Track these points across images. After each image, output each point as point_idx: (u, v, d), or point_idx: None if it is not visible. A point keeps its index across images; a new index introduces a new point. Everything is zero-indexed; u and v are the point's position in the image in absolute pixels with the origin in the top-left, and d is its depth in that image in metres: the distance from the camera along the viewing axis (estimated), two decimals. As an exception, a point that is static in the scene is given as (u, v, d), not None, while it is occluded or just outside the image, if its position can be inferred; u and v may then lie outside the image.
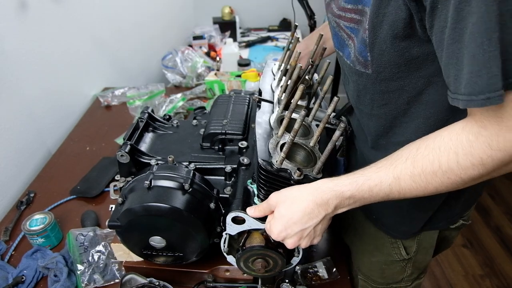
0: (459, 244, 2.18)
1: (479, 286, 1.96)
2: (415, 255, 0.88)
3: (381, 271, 0.93)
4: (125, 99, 1.76)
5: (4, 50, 1.23)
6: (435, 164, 0.53)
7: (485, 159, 0.50)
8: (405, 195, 0.58)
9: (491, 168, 0.51)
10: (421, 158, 0.55)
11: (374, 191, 0.58)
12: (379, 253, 0.91)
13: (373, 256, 0.92)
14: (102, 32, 1.81)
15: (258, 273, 0.76)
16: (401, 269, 0.90)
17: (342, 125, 0.61)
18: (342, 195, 0.60)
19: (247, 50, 2.53)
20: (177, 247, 0.81)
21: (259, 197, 0.72)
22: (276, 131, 0.74)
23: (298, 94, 0.68)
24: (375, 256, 0.92)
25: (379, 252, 0.90)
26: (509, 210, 2.39)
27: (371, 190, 0.58)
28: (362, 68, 0.66)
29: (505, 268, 2.04)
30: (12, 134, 1.28)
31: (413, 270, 0.91)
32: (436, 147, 0.54)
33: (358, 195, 0.59)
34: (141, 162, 0.86)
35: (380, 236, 0.88)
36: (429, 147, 0.55)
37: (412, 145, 0.57)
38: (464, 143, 0.51)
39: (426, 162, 0.54)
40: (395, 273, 0.91)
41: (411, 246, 0.87)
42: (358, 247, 0.98)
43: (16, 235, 1.11)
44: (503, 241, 2.19)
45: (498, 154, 0.49)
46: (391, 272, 0.91)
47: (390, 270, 0.91)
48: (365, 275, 0.97)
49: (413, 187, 0.56)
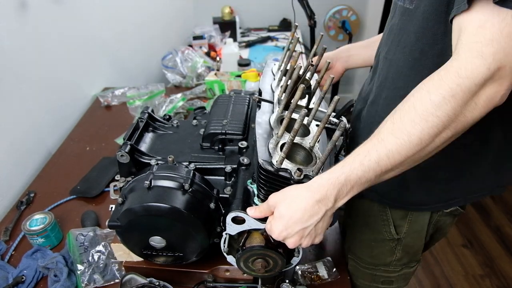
0: (459, 244, 2.18)
1: (479, 286, 1.96)
2: (405, 236, 0.87)
3: (370, 249, 0.92)
4: (125, 99, 1.76)
5: (4, 50, 1.23)
6: (411, 111, 0.54)
7: (455, 88, 0.51)
8: (395, 159, 0.57)
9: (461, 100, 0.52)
10: (399, 111, 0.56)
11: (365, 164, 0.58)
12: (369, 230, 0.90)
13: (363, 234, 0.92)
14: (102, 32, 1.81)
15: (258, 273, 0.76)
16: (390, 250, 0.89)
17: (342, 125, 0.61)
18: (337, 181, 0.59)
19: (247, 50, 2.53)
20: (177, 247, 0.81)
21: (259, 197, 0.72)
22: (276, 131, 0.74)
23: (298, 94, 0.68)
24: (365, 234, 0.92)
25: (369, 229, 0.90)
26: (509, 210, 2.39)
27: (362, 164, 0.58)
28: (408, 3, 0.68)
29: (505, 268, 2.04)
30: (12, 134, 1.28)
31: (402, 254, 0.90)
32: (410, 95, 0.56)
33: (353, 176, 0.58)
34: (141, 162, 0.86)
35: (372, 214, 0.88)
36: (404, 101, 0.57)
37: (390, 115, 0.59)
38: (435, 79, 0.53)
39: (403, 113, 0.55)
40: (384, 254, 0.90)
41: (402, 226, 0.86)
42: (350, 225, 0.98)
43: (16, 235, 1.11)
44: (503, 241, 2.19)
45: (466, 81, 0.51)
46: (379, 251, 0.90)
47: (379, 249, 0.90)
48: (354, 254, 0.97)
49: (398, 143, 0.55)
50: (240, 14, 2.77)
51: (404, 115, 0.55)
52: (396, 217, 0.87)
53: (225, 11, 2.57)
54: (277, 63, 1.06)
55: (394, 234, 0.87)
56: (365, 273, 0.97)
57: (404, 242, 0.88)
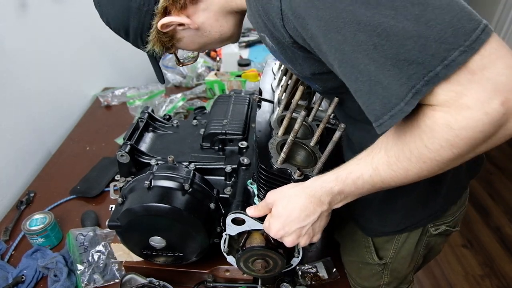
0: (459, 244, 2.18)
1: (479, 286, 1.96)
2: (392, 261, 0.86)
3: (358, 271, 0.93)
4: (125, 99, 1.76)
5: (4, 50, 1.23)
6: (406, 152, 0.52)
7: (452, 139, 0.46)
8: (390, 184, 0.56)
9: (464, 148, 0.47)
10: (392, 146, 0.54)
11: (358, 184, 0.58)
12: (354, 253, 0.91)
13: (350, 256, 0.94)
14: (102, 32, 1.80)
15: (258, 273, 0.76)
16: (377, 273, 0.89)
17: (342, 125, 0.61)
18: (331, 191, 0.60)
19: (247, 50, 2.52)
20: (177, 247, 0.81)
21: (259, 197, 0.72)
22: (277, 131, 0.74)
23: (298, 94, 0.68)
24: (352, 256, 0.93)
25: (355, 253, 0.91)
26: (509, 210, 2.39)
27: (356, 184, 0.58)
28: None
29: (505, 268, 2.04)
30: (12, 134, 1.28)
31: (391, 278, 0.89)
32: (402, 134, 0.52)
33: (347, 190, 0.59)
34: (141, 162, 0.86)
35: (356, 238, 0.88)
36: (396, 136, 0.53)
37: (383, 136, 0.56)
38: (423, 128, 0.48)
39: (398, 151, 0.53)
40: (371, 277, 0.90)
41: (388, 250, 0.85)
42: (341, 244, 1.00)
43: (16, 235, 1.11)
44: (503, 241, 2.19)
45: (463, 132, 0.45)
46: (367, 274, 0.91)
47: (366, 272, 0.91)
48: (347, 272, 0.98)
49: (393, 175, 0.54)
50: (240, 14, 2.77)
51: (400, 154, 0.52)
52: (380, 241, 0.85)
53: (225, 11, 2.56)
54: (278, 63, 1.06)
55: (376, 260, 0.86)
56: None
57: (391, 267, 0.87)
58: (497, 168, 2.74)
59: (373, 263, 0.87)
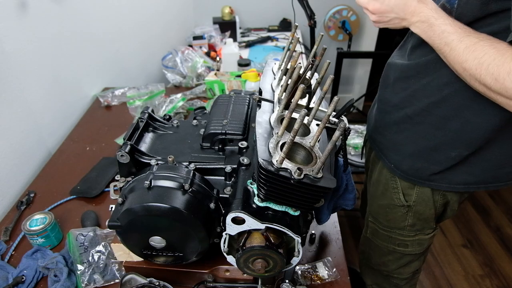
0: (459, 244, 2.18)
1: (479, 286, 1.96)
2: (415, 204, 1.02)
3: (385, 214, 1.09)
4: (125, 99, 1.76)
5: (4, 50, 1.23)
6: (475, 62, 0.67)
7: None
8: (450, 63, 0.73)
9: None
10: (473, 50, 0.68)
11: (442, 37, 0.72)
12: (384, 197, 1.07)
13: (380, 199, 1.09)
14: (102, 32, 1.81)
15: (258, 273, 0.76)
16: (402, 215, 1.05)
17: (342, 125, 0.61)
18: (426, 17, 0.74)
19: (247, 50, 2.53)
20: (177, 247, 0.81)
21: (259, 197, 0.72)
22: (276, 131, 0.74)
23: (298, 94, 0.68)
24: (381, 200, 1.08)
25: (384, 196, 1.06)
26: (509, 210, 2.39)
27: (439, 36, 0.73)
28: None
29: (505, 268, 2.04)
30: (12, 134, 1.28)
31: (414, 220, 1.05)
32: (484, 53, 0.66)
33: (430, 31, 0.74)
34: (141, 162, 0.86)
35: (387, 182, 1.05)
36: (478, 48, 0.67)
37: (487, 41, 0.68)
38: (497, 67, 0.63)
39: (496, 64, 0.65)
40: (397, 219, 1.06)
41: (410, 195, 1.01)
42: (370, 192, 1.15)
43: (16, 235, 1.11)
44: (503, 241, 2.19)
45: None
46: (393, 216, 1.06)
47: (393, 214, 1.06)
48: (374, 218, 1.14)
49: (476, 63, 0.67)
50: (240, 14, 2.77)
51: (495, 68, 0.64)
52: (405, 186, 1.01)
53: (225, 11, 2.57)
54: (278, 63, 1.06)
55: (403, 201, 1.02)
56: (383, 235, 1.13)
57: (415, 209, 1.03)
58: (497, 168, 2.74)
59: (399, 204, 1.03)
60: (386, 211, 1.08)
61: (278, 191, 0.67)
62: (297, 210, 0.73)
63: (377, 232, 1.15)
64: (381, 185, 1.09)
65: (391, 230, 1.10)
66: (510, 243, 2.18)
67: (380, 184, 1.09)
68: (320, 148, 0.73)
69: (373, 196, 1.15)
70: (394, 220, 1.07)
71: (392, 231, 1.10)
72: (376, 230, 1.15)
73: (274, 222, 0.71)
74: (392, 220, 1.08)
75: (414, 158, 0.97)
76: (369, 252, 1.25)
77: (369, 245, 1.23)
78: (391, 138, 1.01)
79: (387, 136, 1.03)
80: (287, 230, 0.71)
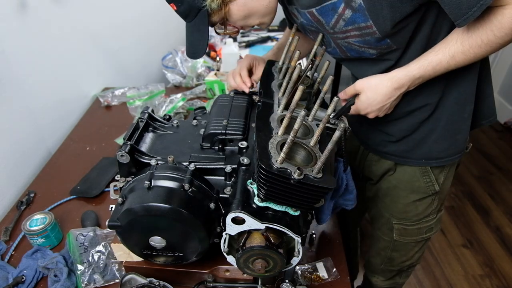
0: (459, 244, 2.18)
1: (479, 286, 1.96)
2: (442, 187, 1.07)
3: (415, 208, 1.10)
4: (125, 99, 1.76)
5: (4, 50, 1.23)
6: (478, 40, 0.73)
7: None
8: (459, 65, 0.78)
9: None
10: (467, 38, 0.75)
11: (436, 69, 0.79)
12: (414, 193, 1.08)
13: (407, 198, 1.09)
14: (102, 32, 1.81)
15: (258, 273, 0.76)
16: (431, 202, 1.09)
17: (342, 125, 0.61)
18: (413, 77, 0.81)
19: (247, 50, 2.52)
20: (177, 247, 0.81)
21: (259, 197, 0.72)
22: (276, 131, 0.74)
23: (298, 94, 0.68)
24: (409, 197, 1.09)
25: (415, 192, 1.07)
26: (509, 210, 2.39)
27: (434, 69, 0.79)
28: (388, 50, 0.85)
29: (505, 268, 2.04)
30: (12, 134, 1.28)
31: (438, 202, 1.10)
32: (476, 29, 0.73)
33: (425, 74, 0.81)
34: (141, 162, 0.86)
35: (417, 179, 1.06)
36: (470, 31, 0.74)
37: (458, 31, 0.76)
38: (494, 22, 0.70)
39: (472, 41, 0.74)
40: (427, 208, 1.10)
41: (440, 178, 1.05)
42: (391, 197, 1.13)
43: (16, 235, 1.11)
44: (503, 241, 2.19)
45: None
46: (423, 207, 1.09)
47: (423, 206, 1.09)
48: (400, 219, 1.14)
49: (465, 59, 0.77)
50: (240, 14, 2.77)
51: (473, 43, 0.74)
52: (436, 172, 1.04)
53: (225, 11, 2.56)
54: (278, 63, 1.06)
55: (437, 188, 1.06)
56: (412, 230, 1.15)
57: (441, 191, 1.07)
58: (497, 168, 2.74)
59: (432, 193, 1.07)
60: (416, 205, 1.09)
61: (278, 191, 0.67)
62: (297, 210, 0.73)
63: (406, 230, 1.15)
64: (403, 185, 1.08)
65: (420, 221, 1.12)
66: (510, 243, 2.18)
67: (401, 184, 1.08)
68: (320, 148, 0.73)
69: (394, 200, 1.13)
70: (424, 210, 1.10)
71: (421, 221, 1.12)
72: (404, 229, 1.15)
73: (274, 222, 0.71)
74: (422, 212, 1.10)
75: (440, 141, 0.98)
76: (391, 256, 1.23)
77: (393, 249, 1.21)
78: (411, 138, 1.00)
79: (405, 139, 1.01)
80: (287, 230, 0.71)
